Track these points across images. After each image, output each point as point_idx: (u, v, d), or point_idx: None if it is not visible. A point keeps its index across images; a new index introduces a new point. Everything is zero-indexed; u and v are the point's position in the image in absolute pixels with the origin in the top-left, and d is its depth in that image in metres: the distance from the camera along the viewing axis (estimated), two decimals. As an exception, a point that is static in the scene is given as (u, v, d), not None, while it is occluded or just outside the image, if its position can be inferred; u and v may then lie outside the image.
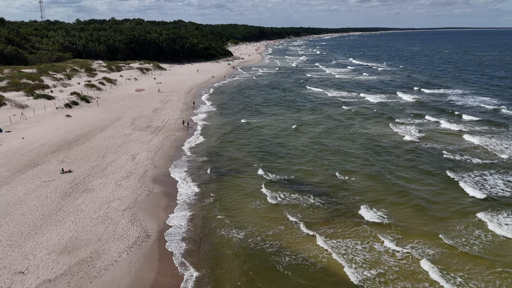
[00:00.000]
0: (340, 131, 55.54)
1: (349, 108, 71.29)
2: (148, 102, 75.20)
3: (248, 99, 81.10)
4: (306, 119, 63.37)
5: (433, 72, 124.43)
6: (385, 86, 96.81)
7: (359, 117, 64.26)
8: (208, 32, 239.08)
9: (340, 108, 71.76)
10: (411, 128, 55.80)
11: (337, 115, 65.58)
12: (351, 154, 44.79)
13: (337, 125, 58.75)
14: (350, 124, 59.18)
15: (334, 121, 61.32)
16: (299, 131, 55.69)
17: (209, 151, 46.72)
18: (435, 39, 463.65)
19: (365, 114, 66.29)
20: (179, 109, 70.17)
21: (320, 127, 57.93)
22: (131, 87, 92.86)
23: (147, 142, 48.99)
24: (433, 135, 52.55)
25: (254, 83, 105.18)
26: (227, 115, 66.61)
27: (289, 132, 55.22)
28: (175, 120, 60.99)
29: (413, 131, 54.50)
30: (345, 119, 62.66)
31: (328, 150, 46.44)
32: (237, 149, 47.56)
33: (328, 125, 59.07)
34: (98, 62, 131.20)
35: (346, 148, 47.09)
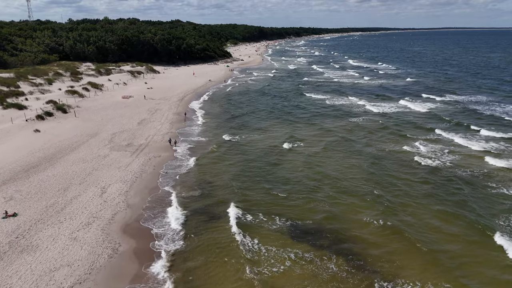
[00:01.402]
0: (341, 151, 46.12)
1: (350, 120, 61.97)
2: (134, 112, 66.09)
3: (248, 108, 72.02)
4: (303, 134, 54.12)
5: (440, 75, 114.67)
6: (391, 93, 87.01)
7: (363, 131, 55.01)
8: (206, 32, 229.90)
9: (340, 119, 62.58)
10: (425, 149, 46.45)
11: (337, 129, 56.24)
12: (355, 188, 35.46)
13: (337, 143, 49.36)
14: (352, 142, 49.74)
15: (334, 138, 51.79)
16: (294, 151, 46.45)
17: (199, 180, 37.61)
18: (436, 39, 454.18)
19: (369, 128, 56.77)
20: (169, 121, 61.04)
21: (317, 146, 48.55)
22: (118, 94, 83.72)
23: (124, 168, 39.88)
24: (452, 157, 43.39)
25: (254, 89, 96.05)
26: (222, 128, 57.45)
27: (282, 153, 46.09)
28: (162, 136, 51.86)
29: (427, 151, 45.37)
30: (346, 134, 53.35)
31: (327, 182, 36.93)
32: (232, 178, 38.42)
33: (327, 143, 49.58)
34: (87, 65, 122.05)
35: (349, 179, 37.64)
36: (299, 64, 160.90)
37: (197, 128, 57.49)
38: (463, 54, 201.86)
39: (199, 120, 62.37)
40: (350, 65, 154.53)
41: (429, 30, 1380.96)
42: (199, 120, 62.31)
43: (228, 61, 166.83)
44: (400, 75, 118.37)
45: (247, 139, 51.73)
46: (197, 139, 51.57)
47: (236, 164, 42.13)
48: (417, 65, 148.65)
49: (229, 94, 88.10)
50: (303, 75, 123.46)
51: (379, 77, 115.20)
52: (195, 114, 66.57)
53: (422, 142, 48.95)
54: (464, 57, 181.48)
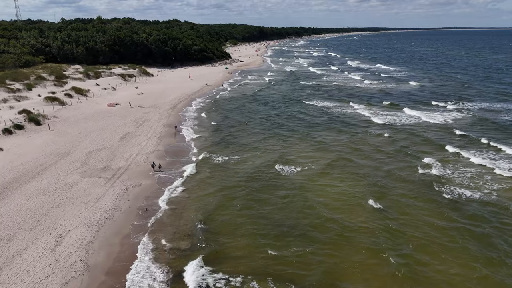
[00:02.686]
0: (343, 178, 37.77)
1: (352, 133, 53.76)
2: (118, 124, 57.92)
3: (246, 118, 63.90)
4: (299, 153, 45.89)
5: (447, 79, 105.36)
6: (395, 99, 78.10)
7: (367, 149, 46.83)
8: (205, 32, 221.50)
9: (341, 133, 54.33)
10: (443, 173, 38.50)
11: (337, 146, 47.95)
12: (362, 237, 27.17)
13: (338, 166, 41.00)
14: (355, 165, 41.46)
15: (334, 159, 43.15)
16: (286, 178, 38.26)
17: (187, 221, 29.45)
18: (437, 39, 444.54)
19: (374, 145, 48.50)
20: (157, 134, 52.84)
21: (314, 169, 40.26)
22: (104, 100, 75.54)
23: (93, 203, 31.72)
24: (479, 184, 35.41)
25: (253, 95, 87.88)
26: (214, 146, 49.26)
27: (272, 179, 37.93)
28: (146, 156, 43.65)
29: (446, 176, 37.30)
30: (348, 153, 44.98)
31: (328, 226, 28.84)
32: (209, 218, 30.27)
33: (326, 165, 41.21)
34: (75, 67, 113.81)
35: (354, 221, 29.42)
36: (299, 66, 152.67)
37: (187, 144, 49.26)
38: (467, 55, 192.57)
39: (190, 134, 54.07)
40: (350, 67, 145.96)
41: (429, 30, 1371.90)
42: (191, 134, 54.00)
43: (227, 63, 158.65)
44: (404, 78, 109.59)
45: (238, 159, 43.54)
46: (186, 159, 43.37)
47: (217, 194, 34.00)
48: (421, 67, 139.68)
49: (227, 101, 79.88)
50: (303, 78, 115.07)
51: (382, 81, 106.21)
52: (187, 127, 58.27)
53: (438, 164, 40.88)
54: (470, 58, 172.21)
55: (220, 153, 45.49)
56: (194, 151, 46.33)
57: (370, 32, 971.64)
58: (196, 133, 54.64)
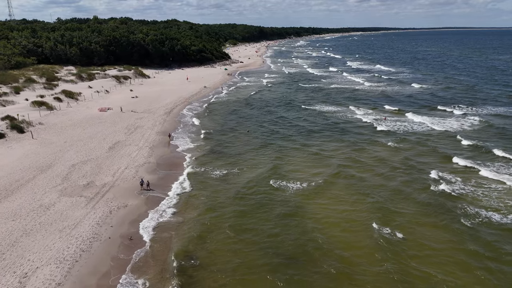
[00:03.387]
0: (343, 197, 33.46)
1: (353, 142, 49.30)
2: (108, 131, 53.60)
3: (247, 126, 59.68)
4: (295, 164, 41.66)
5: (452, 81, 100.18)
6: (399, 104, 72.66)
7: (369, 160, 42.40)
8: (204, 32, 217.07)
9: (341, 141, 49.73)
10: (458, 191, 34.17)
11: (337, 157, 43.55)
12: (368, 276, 22.95)
13: (337, 182, 36.76)
14: (357, 180, 37.07)
15: (333, 173, 38.73)
16: (279, 198, 34.00)
17: (171, 264, 25.17)
18: (439, 39, 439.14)
19: (377, 155, 43.95)
20: (149, 144, 48.54)
21: (311, 185, 36.12)
22: (95, 105, 71.26)
23: (69, 231, 27.43)
24: (500, 207, 31.19)
25: (251, 99, 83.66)
26: (211, 157, 44.99)
27: (264, 198, 33.66)
28: (135, 170, 39.36)
29: (460, 194, 33.08)
30: (348, 167, 40.50)
31: (328, 263, 24.26)
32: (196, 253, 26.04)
33: (323, 181, 37.04)
34: (68, 69, 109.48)
35: (358, 255, 25.20)
36: (299, 67, 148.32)
37: (181, 155, 44.92)
38: (471, 56, 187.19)
39: (185, 143, 49.69)
40: (351, 69, 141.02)
41: (429, 30, 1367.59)
42: (186, 143, 49.60)
43: (227, 64, 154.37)
44: (407, 80, 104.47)
45: (232, 173, 39.25)
46: (179, 173, 39.02)
47: (209, 218, 29.72)
48: (424, 68, 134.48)
49: (226, 105, 75.58)
50: (303, 81, 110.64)
51: (383, 83, 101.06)
52: (183, 134, 53.97)
53: (449, 179, 36.77)
54: (473, 59, 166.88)
55: (214, 166, 41.16)
56: (188, 164, 41.96)
57: (370, 32, 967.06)
58: (191, 142, 50.27)
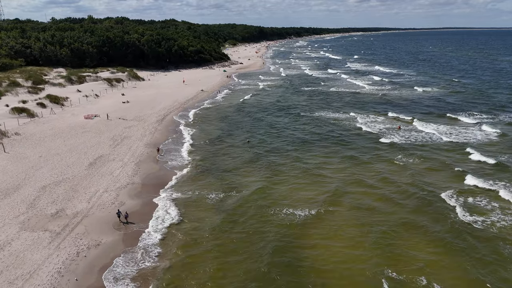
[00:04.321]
0: (344, 233, 27.92)
1: (355, 158, 43.55)
2: (91, 143, 47.79)
3: (245, 135, 53.92)
4: (288, 186, 35.93)
5: (465, 84, 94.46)
6: (406, 111, 67.61)
7: (375, 183, 36.50)
8: (202, 33, 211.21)
9: (341, 157, 43.59)
10: (485, 226, 28.50)
11: (337, 178, 37.85)
12: None
13: (337, 209, 31.29)
14: (361, 211, 31.53)
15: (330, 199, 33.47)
16: (268, 228, 28.24)
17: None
18: (440, 40, 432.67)
19: (384, 176, 38.10)
20: (136, 158, 42.71)
21: (307, 214, 30.43)
22: (82, 111, 65.53)
23: (21, 284, 21.61)
24: None
25: (250, 105, 77.88)
26: (202, 175, 39.21)
27: (249, 225, 27.86)
28: (115, 194, 33.55)
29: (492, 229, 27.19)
30: (357, 193, 34.80)
31: None
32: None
33: (319, 209, 31.54)
34: (58, 71, 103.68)
35: None
36: (301, 69, 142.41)
37: (170, 173, 39.05)
38: (475, 57, 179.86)
39: (177, 157, 43.77)
40: (352, 71, 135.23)
41: (429, 30, 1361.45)
42: (177, 157, 43.68)
43: (226, 65, 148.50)
44: (411, 84, 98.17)
45: (222, 197, 33.47)
46: (166, 198, 33.20)
47: (194, 260, 23.97)
48: (428, 70, 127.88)
49: (224, 112, 69.77)
50: (305, 84, 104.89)
51: (386, 87, 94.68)
52: (174, 145, 48.12)
53: (469, 205, 31.29)
54: (478, 61, 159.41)
55: (205, 187, 35.48)
56: (177, 185, 36.14)
57: (370, 32, 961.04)
58: (182, 156, 44.37)
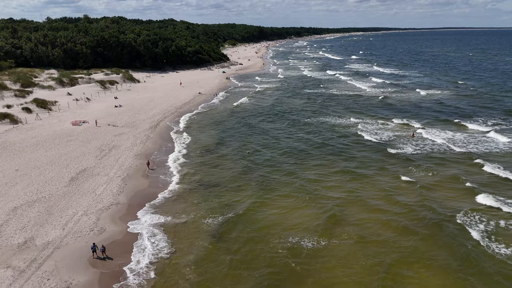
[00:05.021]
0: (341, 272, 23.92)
1: (358, 175, 39.14)
2: (76, 154, 43.48)
3: (242, 144, 49.65)
4: (282, 219, 31.63)
5: (472, 87, 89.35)
6: (414, 116, 63.19)
7: (383, 205, 32.23)
8: (201, 32, 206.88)
9: (341, 174, 39.31)
10: None
11: (334, 198, 33.53)
12: None
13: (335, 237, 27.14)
14: (368, 247, 27.30)
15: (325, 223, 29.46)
16: None
17: None
18: (442, 39, 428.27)
19: (396, 199, 33.82)
20: (123, 173, 38.38)
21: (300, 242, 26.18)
22: (71, 116, 61.31)
23: None
24: None
25: (249, 109, 73.67)
26: (197, 194, 34.91)
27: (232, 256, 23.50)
28: (96, 217, 29.24)
29: None
30: (358, 218, 30.40)
31: None
32: None
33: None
34: (50, 72, 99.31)
35: None
36: (303, 71, 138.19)
37: (161, 190, 34.71)
38: (481, 58, 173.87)
39: (169, 171, 39.37)
40: (354, 72, 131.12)
41: (428, 30, 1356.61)
42: (170, 171, 39.27)
43: (225, 66, 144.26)
44: (414, 86, 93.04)
45: (220, 222, 29.19)
46: (153, 223, 28.88)
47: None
48: (432, 72, 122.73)
49: (221, 117, 65.52)
50: (307, 86, 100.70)
51: (390, 89, 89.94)
52: (167, 157, 43.75)
53: (489, 233, 27.17)
54: (485, 62, 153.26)
55: (196, 209, 31.12)
56: (167, 205, 31.79)
57: (370, 32, 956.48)
58: (175, 169, 39.93)
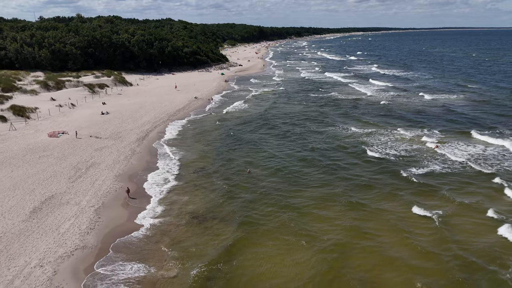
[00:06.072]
0: None
1: (362, 206, 32.33)
2: (45, 175, 36.79)
3: (249, 165, 43.04)
4: (265, 276, 25.09)
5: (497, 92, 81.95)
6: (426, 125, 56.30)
7: (400, 257, 25.76)
8: (199, 32, 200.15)
9: (344, 206, 32.57)
10: None
11: (341, 254, 26.78)
12: None
13: None
14: None
15: None
16: None
17: None
18: (441, 39, 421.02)
19: (418, 245, 27.17)
20: (98, 201, 31.68)
21: None
22: (50, 125, 54.70)
23: None
24: None
25: (251, 116, 67.03)
26: (187, 232, 28.29)
27: None
28: (53, 270, 22.55)
29: None
30: (367, 280, 24.13)
31: None
32: None
33: None
34: (36, 75, 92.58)
35: None
36: (306, 72, 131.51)
37: (141, 227, 28.01)
38: (485, 59, 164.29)
39: (154, 199, 32.72)
40: (360, 75, 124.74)
41: (429, 30, 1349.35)
42: (154, 199, 32.65)
43: (224, 67, 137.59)
44: (422, 90, 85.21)
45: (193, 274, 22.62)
46: (131, 281, 22.25)
47: None
48: (438, 74, 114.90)
49: (217, 127, 58.89)
50: (312, 90, 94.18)
51: (392, 93, 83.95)
52: (154, 180, 36.99)
53: None
54: (491, 63, 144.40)
55: (183, 255, 24.49)
56: (146, 250, 25.08)
57: (371, 32, 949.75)
58: (161, 195, 33.25)
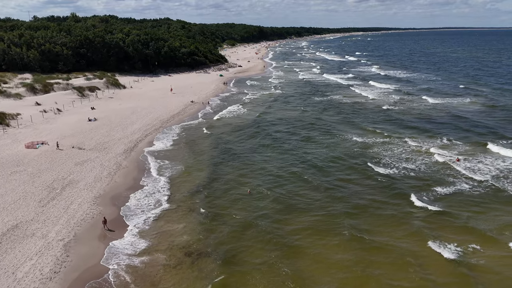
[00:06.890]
0: None
1: (366, 242, 27.51)
2: (14, 196, 31.74)
3: (249, 184, 38.00)
4: None
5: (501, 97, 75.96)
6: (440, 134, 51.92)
7: None
8: (197, 32, 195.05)
9: (347, 238, 27.63)
10: None
11: None
12: None
13: None
14: None
15: None
16: None
17: None
18: (442, 40, 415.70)
19: None
20: (69, 232, 26.65)
21: None
22: (31, 134, 49.67)
23: None
24: None
25: (251, 124, 62.02)
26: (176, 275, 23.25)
27: None
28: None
29: None
30: None
31: None
32: None
33: None
34: (23, 77, 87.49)
35: None
36: (308, 74, 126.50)
37: (120, 274, 22.95)
38: (490, 59, 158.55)
39: (137, 228, 27.59)
40: (362, 77, 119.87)
41: (429, 30, 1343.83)
42: (137, 229, 27.53)
43: (223, 68, 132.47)
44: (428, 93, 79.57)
45: None
46: None
47: None
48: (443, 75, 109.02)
49: (214, 137, 53.84)
50: (315, 93, 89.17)
51: (398, 97, 78.15)
52: (138, 202, 31.84)
53: None
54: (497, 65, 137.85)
55: None
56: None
57: (370, 32, 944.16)
58: (145, 224, 28.11)
